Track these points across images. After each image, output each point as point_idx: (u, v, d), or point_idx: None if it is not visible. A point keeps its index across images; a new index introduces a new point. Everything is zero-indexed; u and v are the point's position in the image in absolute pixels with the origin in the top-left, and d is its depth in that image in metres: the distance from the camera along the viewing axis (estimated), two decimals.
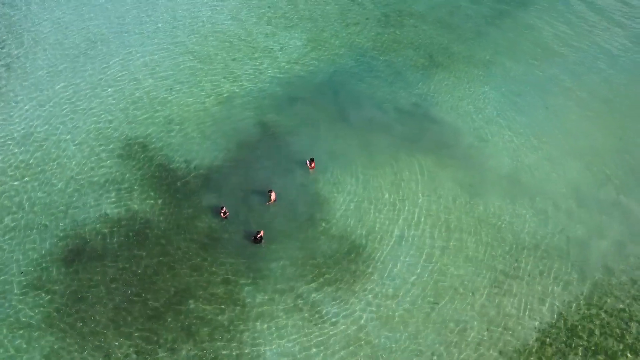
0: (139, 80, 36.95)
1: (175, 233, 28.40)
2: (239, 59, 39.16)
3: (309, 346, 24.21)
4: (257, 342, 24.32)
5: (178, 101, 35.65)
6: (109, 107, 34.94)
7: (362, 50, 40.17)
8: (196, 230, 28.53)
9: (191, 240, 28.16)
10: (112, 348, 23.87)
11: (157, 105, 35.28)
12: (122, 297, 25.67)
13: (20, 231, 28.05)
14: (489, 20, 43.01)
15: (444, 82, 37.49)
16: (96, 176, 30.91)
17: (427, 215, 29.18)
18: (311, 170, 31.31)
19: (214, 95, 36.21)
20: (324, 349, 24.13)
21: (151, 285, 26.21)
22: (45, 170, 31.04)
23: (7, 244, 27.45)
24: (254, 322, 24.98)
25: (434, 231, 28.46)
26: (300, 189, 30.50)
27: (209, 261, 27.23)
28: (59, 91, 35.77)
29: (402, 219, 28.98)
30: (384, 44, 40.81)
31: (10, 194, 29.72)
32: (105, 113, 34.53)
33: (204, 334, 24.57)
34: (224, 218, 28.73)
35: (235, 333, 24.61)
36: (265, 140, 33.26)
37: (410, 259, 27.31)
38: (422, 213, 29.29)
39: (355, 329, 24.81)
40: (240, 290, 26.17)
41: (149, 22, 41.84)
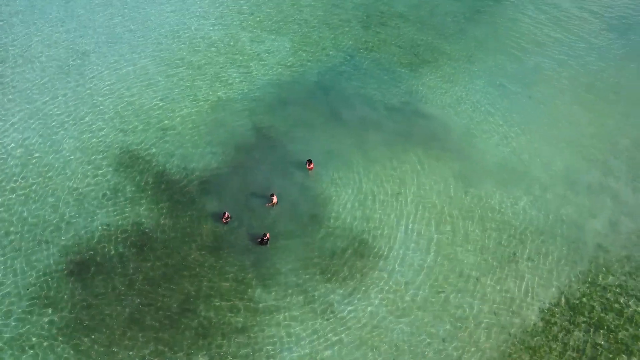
0: (128, 90, 36.79)
1: (180, 239, 28.39)
2: (227, 64, 39.37)
3: (324, 342, 24.53)
4: (273, 342, 24.53)
5: (170, 109, 35.63)
6: (100, 117, 34.70)
7: (348, 51, 40.89)
8: (200, 236, 28.57)
9: (196, 245, 28.19)
10: (128, 358, 23.72)
11: (149, 114, 35.20)
12: (132, 307, 25.53)
13: (20, 247, 27.60)
14: (467, 17, 44.34)
15: (430, 78, 38.48)
16: (93, 187, 30.65)
17: (427, 207, 29.92)
18: (310, 171, 31.72)
19: (206, 101, 36.34)
20: (339, 344, 24.50)
21: (161, 293, 26.13)
22: (40, 184, 30.62)
23: (7, 260, 26.98)
24: (267, 323, 25.18)
25: (436, 222, 29.21)
26: (300, 190, 30.86)
27: (216, 266, 27.32)
28: (47, 104, 35.35)
29: (404, 212, 29.65)
30: (368, 44, 41.64)
31: (6, 209, 29.21)
32: (96, 123, 34.27)
33: (218, 337, 24.64)
34: (225, 223, 28.86)
35: (250, 334, 24.76)
36: (262, 143, 33.55)
37: (415, 250, 27.97)
38: (422, 205, 30.01)
39: (368, 322, 25.26)
40: (250, 292, 26.34)
41: (133, 32, 41.68)
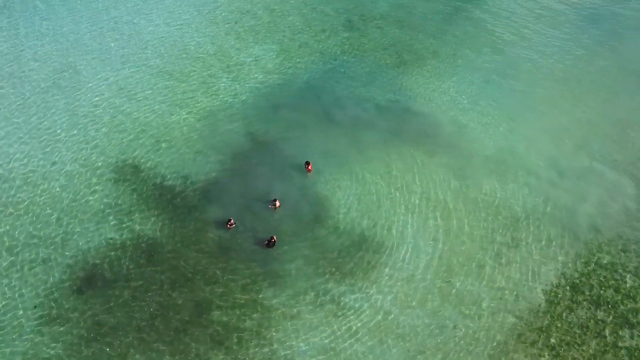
0: (116, 103, 36.62)
1: (185, 247, 28.42)
2: (214, 74, 39.58)
3: (338, 338, 24.91)
4: (288, 341, 24.79)
5: (161, 120, 35.63)
6: (91, 131, 34.45)
7: (333, 54, 41.59)
8: (205, 242, 28.67)
9: (202, 252, 28.27)
10: None
11: (140, 126, 35.11)
12: (143, 317, 25.44)
13: (22, 265, 27.20)
14: (446, 17, 45.63)
15: (415, 77, 39.46)
16: (91, 203, 30.40)
17: (426, 200, 30.70)
18: (309, 173, 32.16)
19: (197, 111, 36.45)
20: (353, 339, 24.91)
21: (171, 302, 26.12)
22: (36, 201, 30.22)
23: (12, 279, 26.57)
24: (280, 323, 25.43)
25: (436, 214, 29.99)
26: (301, 191, 31.25)
27: (224, 271, 27.44)
28: (35, 120, 34.91)
29: (404, 206, 30.35)
30: (352, 46, 42.45)
31: (5, 229, 28.74)
32: (89, 137, 34.02)
33: (233, 341, 24.76)
34: (229, 229, 29.02)
35: (264, 336, 24.96)
36: (258, 148, 33.85)
37: (418, 242, 28.65)
38: (421, 199, 30.78)
39: (379, 315, 25.76)
40: (260, 294, 26.55)
41: (119, 45, 41.48)
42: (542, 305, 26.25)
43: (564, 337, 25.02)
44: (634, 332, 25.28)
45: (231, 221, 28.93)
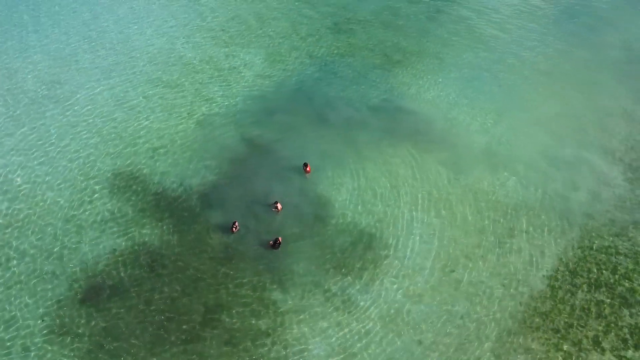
0: (108, 113, 36.41)
1: (190, 253, 28.39)
2: (206, 81, 39.70)
3: (350, 334, 25.23)
4: (301, 340, 24.99)
5: (155, 128, 35.54)
6: (84, 143, 34.15)
7: (322, 57, 42.15)
8: (210, 247, 28.70)
9: (207, 257, 28.29)
10: None
11: (135, 135, 34.97)
12: (154, 324, 25.31)
13: (26, 280, 26.77)
14: (428, 17, 46.74)
15: (404, 77, 40.30)
16: (91, 214, 30.12)
17: (425, 196, 31.34)
18: (307, 174, 32.50)
19: (191, 118, 36.48)
20: (365, 333, 25.26)
21: (180, 307, 26.05)
22: (34, 215, 29.79)
23: (15, 294, 26.12)
24: (292, 322, 25.62)
25: (435, 208, 30.64)
26: (301, 193, 31.55)
27: (231, 274, 27.51)
28: (25, 134, 34.42)
29: (404, 202, 30.93)
30: (340, 49, 43.10)
31: (4, 243, 28.25)
32: (82, 149, 33.72)
33: (246, 343, 24.84)
34: (233, 232, 29.11)
35: (276, 336, 25.10)
36: (255, 152, 34.05)
37: (421, 236, 29.24)
38: (420, 194, 31.41)
39: (388, 308, 26.19)
40: (270, 295, 26.70)
41: (104, 57, 41.28)
42: (545, 290, 27.08)
43: (567, 320, 25.86)
44: (632, 311, 26.28)
45: (236, 223, 29.04)
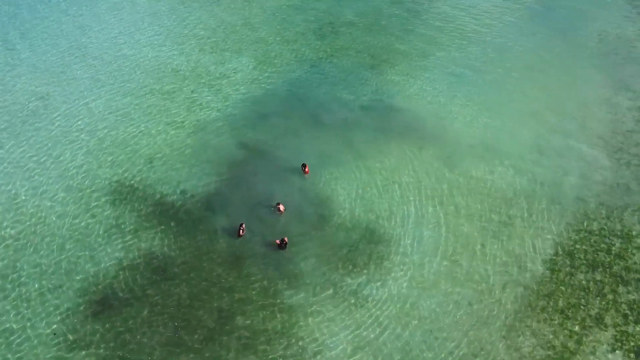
0: (101, 123, 36.30)
1: (198, 259, 28.51)
2: (196, 87, 39.87)
3: (363, 328, 25.72)
4: (316, 337, 25.37)
5: (150, 137, 35.56)
6: (77, 156, 33.98)
7: (310, 60, 42.75)
8: (216, 252, 28.87)
9: (215, 262, 28.46)
10: None
11: (129, 146, 34.91)
12: (167, 331, 25.36)
13: (33, 296, 26.53)
14: (411, 18, 47.81)
15: (392, 76, 41.15)
16: (93, 225, 30.02)
17: (423, 190, 32.11)
18: (306, 175, 32.95)
19: (185, 126, 36.60)
20: (379, 326, 25.79)
21: (192, 313, 26.16)
22: (34, 230, 29.56)
23: (23, 311, 25.86)
24: (305, 320, 25.98)
25: (434, 201, 31.44)
26: (302, 193, 31.98)
27: (240, 277, 27.74)
28: (15, 151, 34.07)
29: (403, 197, 31.64)
30: (327, 52, 43.77)
31: (7, 261, 27.91)
32: (78, 161, 33.57)
33: (262, 343, 25.10)
34: (241, 235, 29.33)
35: (291, 335, 25.43)
36: (252, 157, 34.35)
37: (424, 229, 29.98)
38: (418, 189, 32.17)
39: (398, 301, 26.79)
40: (280, 295, 27.01)
41: (91, 67, 41.11)
42: (545, 273, 28.06)
43: (569, 300, 26.87)
44: (629, 288, 27.44)
45: (242, 226, 29.27)
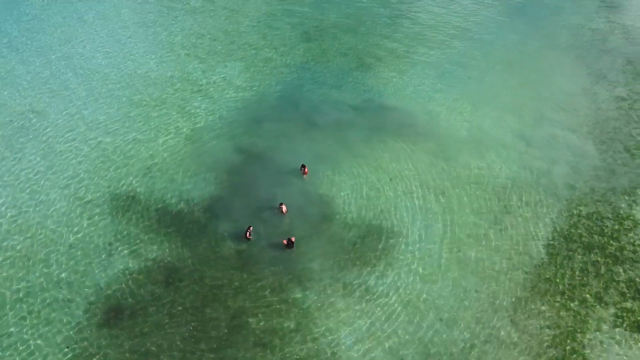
0: (93, 137, 36.05)
1: (206, 265, 28.55)
2: (187, 97, 39.95)
3: (375, 321, 26.18)
4: (329, 333, 25.70)
5: (145, 147, 35.47)
6: (73, 168, 33.67)
7: (298, 65, 43.33)
8: (224, 256, 28.98)
9: (223, 265, 28.55)
10: None
11: (125, 155, 34.80)
12: (182, 336, 25.32)
13: (43, 309, 26.13)
14: (393, 19, 48.98)
15: (380, 77, 42.09)
16: (94, 237, 29.75)
17: (420, 184, 32.90)
18: (305, 176, 33.36)
19: (180, 133, 36.65)
20: (389, 318, 26.28)
21: (205, 317, 26.18)
22: (36, 246, 29.09)
23: (33, 326, 25.43)
24: (317, 317, 26.30)
25: (432, 195, 32.26)
26: (303, 194, 32.37)
27: (250, 279, 27.90)
28: (7, 166, 33.53)
29: (403, 192, 32.37)
30: (314, 55, 44.45)
31: (11, 279, 27.44)
32: (71, 175, 33.25)
33: (277, 343, 25.29)
34: (248, 239, 29.49)
35: (305, 333, 25.70)
36: (250, 161, 34.61)
37: (425, 222, 30.72)
38: (416, 183, 32.95)
39: (406, 293, 27.36)
40: (291, 294, 27.29)
41: (80, 81, 40.81)
42: (545, 258, 29.09)
43: (569, 282, 27.91)
44: (624, 267, 28.67)
45: (250, 229, 29.46)
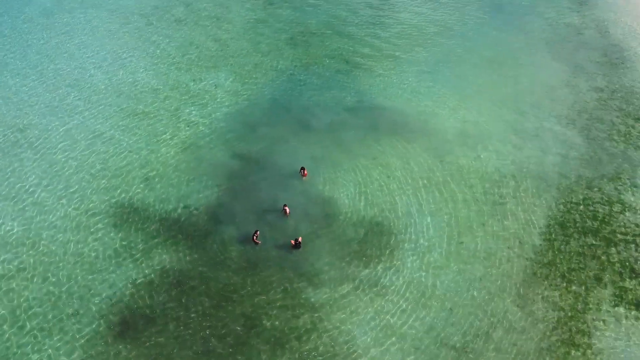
0: (87, 149, 35.76)
1: (214, 270, 28.68)
2: (179, 105, 39.94)
3: (387, 314, 26.77)
4: (344, 329, 26.15)
5: (141, 157, 35.36)
6: (69, 181, 33.33)
7: (287, 69, 43.74)
8: (232, 260, 29.16)
9: (232, 270, 28.73)
10: None
11: (121, 167, 34.64)
12: (198, 341, 25.42)
13: (53, 325, 25.87)
14: (376, 22, 49.80)
15: (369, 78, 42.83)
16: (98, 250, 29.58)
17: (417, 180, 33.70)
18: (304, 178, 33.78)
19: (175, 143, 36.61)
20: (400, 311, 26.91)
21: (219, 321, 26.32)
22: (39, 262, 28.77)
23: (45, 340, 25.13)
24: (330, 314, 26.72)
25: (429, 190, 33.08)
26: (304, 196, 32.77)
27: (260, 281, 28.16)
28: (4, 183, 33.03)
29: (402, 188, 33.10)
30: (302, 60, 44.95)
31: (20, 296, 27.04)
32: (68, 188, 32.94)
33: (292, 341, 25.61)
34: (256, 243, 29.70)
35: (320, 330, 26.08)
36: (248, 165, 34.84)
37: (426, 216, 31.48)
38: (413, 179, 33.73)
39: (414, 286, 28.04)
40: (302, 294, 27.63)
41: (67, 94, 40.33)
42: (543, 244, 30.16)
43: (568, 265, 29.03)
44: (618, 248, 29.95)
45: (257, 233, 29.68)
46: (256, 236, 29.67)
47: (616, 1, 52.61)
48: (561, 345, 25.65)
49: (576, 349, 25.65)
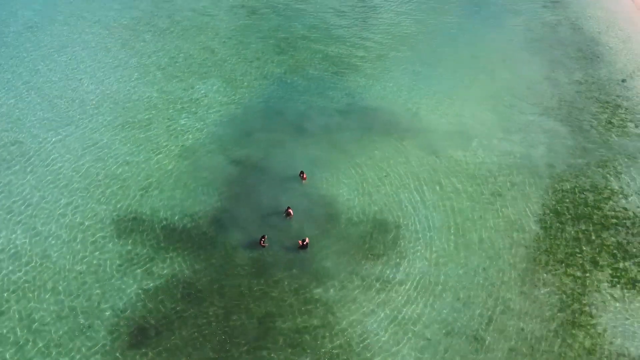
0: (82, 161, 35.51)
1: (223, 275, 28.85)
2: (173, 115, 39.96)
3: (398, 308, 27.40)
4: (357, 326, 26.67)
5: (140, 169, 35.23)
6: (66, 194, 33.04)
7: (276, 75, 44.24)
8: (240, 265, 29.38)
9: (240, 274, 28.95)
10: None
11: (118, 177, 34.51)
12: (213, 347, 25.58)
13: (65, 339, 25.62)
14: (360, 26, 50.81)
15: (358, 81, 43.68)
16: (103, 261, 29.44)
17: (415, 177, 34.58)
18: (304, 181, 34.25)
19: (171, 151, 36.64)
20: (410, 305, 27.58)
21: (233, 326, 26.50)
22: (44, 275, 28.44)
23: (61, 356, 24.85)
24: (341, 312, 27.19)
25: (430, 185, 33.99)
26: (305, 198, 33.22)
27: (269, 283, 28.47)
28: (3, 200, 32.57)
29: (401, 185, 33.93)
30: (290, 66, 45.52)
31: (28, 311, 26.69)
32: (66, 200, 32.66)
33: (308, 340, 25.98)
34: (263, 246, 29.99)
35: (333, 328, 26.52)
36: (247, 171, 35.13)
37: (426, 211, 32.33)
38: (411, 177, 34.60)
39: (422, 279, 28.78)
40: (312, 294, 28.04)
41: (57, 108, 39.88)
42: (540, 232, 31.34)
43: (566, 250, 30.25)
44: (611, 232, 31.36)
45: (264, 237, 29.96)
46: (263, 240, 29.96)
47: None
48: (567, 327, 26.72)
49: (580, 329, 26.76)
